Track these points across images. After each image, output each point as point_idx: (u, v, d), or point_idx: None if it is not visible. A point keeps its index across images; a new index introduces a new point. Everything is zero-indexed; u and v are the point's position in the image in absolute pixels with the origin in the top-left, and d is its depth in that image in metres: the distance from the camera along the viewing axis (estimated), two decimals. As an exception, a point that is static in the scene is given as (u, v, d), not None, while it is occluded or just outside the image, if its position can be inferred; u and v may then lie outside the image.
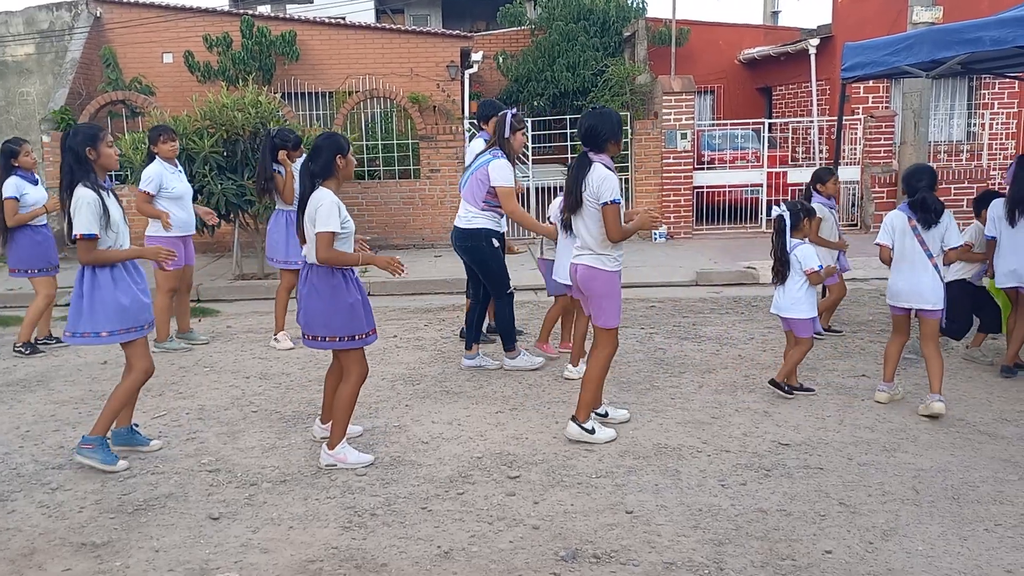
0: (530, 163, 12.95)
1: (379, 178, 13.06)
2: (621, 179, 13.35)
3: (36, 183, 7.03)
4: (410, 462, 4.58)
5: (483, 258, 6.11)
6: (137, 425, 4.92)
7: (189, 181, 7.20)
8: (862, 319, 7.66)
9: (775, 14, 24.75)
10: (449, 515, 3.93)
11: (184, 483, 4.35)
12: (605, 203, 4.52)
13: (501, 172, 5.89)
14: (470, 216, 6.06)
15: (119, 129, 12.53)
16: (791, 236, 5.50)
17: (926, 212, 5.16)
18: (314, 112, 14.77)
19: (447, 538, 3.72)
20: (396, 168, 13.17)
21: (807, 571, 3.40)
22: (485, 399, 5.61)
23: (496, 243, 6.10)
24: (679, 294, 9.19)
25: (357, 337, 4.41)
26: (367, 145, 13.15)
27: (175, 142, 6.84)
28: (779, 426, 5.01)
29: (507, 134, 5.95)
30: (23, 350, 7.01)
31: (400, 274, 4.46)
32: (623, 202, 4.65)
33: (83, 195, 4.36)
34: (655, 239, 12.56)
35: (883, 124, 13.14)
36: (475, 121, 8.22)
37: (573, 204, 4.67)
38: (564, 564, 3.48)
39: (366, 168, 12.95)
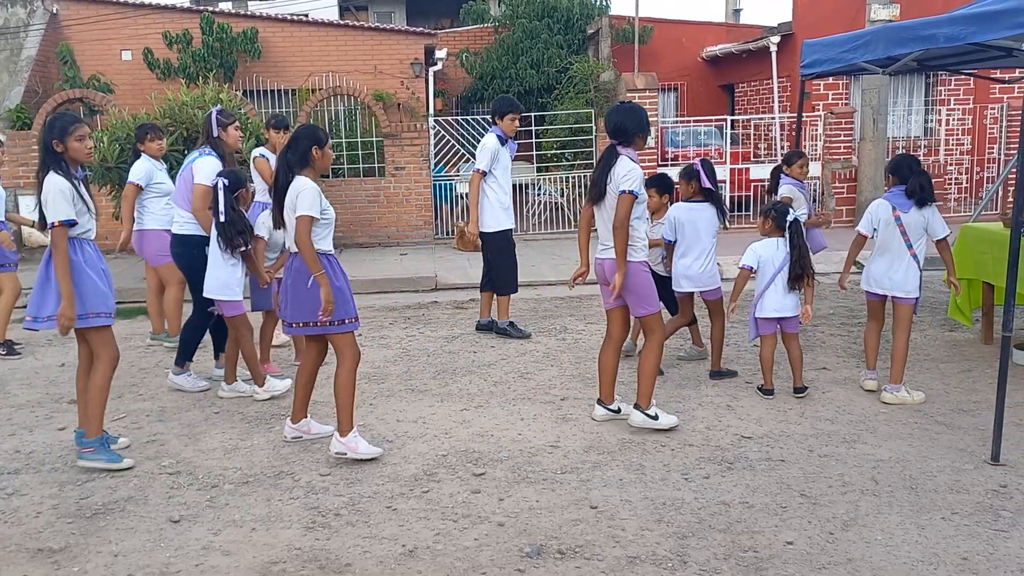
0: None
1: (344, 176, 12.98)
2: (585, 176, 13.37)
3: None
4: (374, 461, 4.55)
5: (193, 267, 5.77)
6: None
7: None
8: (823, 313, 7.76)
9: (737, 12, 25.00)
10: (414, 514, 3.92)
11: (144, 486, 4.29)
12: (623, 191, 4.60)
13: (202, 170, 5.66)
14: (182, 221, 5.81)
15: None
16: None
17: (923, 193, 5.30)
18: (277, 110, 14.63)
19: (412, 537, 3.70)
20: (361, 166, 13.09)
21: (769, 562, 3.44)
22: (450, 397, 5.60)
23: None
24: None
25: (347, 321, 4.45)
26: (331, 143, 13.05)
27: (162, 140, 6.71)
28: (741, 419, 5.06)
29: (215, 132, 5.84)
30: (0, 350, 6.90)
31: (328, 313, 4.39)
32: (643, 195, 4.74)
33: (54, 182, 4.31)
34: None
35: (843, 120, 13.32)
36: (437, 120, 8.21)
37: (597, 195, 4.75)
38: (529, 560, 3.48)
39: (330, 166, 12.85)
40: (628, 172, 4.64)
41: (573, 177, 13.40)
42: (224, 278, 5.45)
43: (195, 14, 14.90)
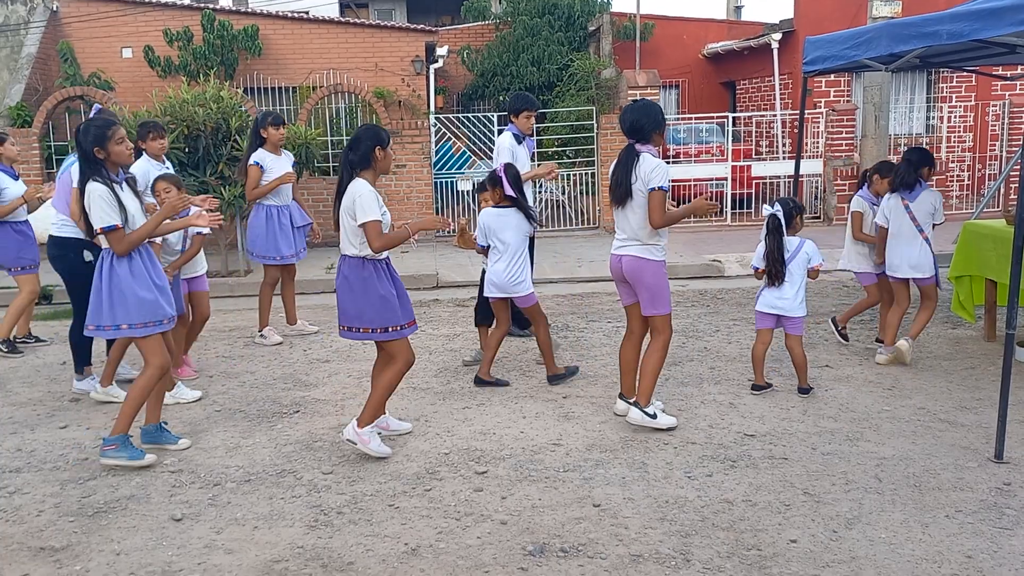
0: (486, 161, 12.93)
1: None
2: (587, 173, 13.37)
3: (16, 178, 6.90)
4: (376, 460, 4.54)
5: (69, 271, 5.73)
6: (166, 423, 4.86)
7: None
8: (825, 310, 7.74)
9: (738, 9, 24.96)
10: (416, 512, 3.91)
11: (146, 484, 4.28)
12: (653, 188, 4.60)
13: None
14: (60, 223, 5.72)
15: (77, 125, 12.30)
16: (787, 234, 5.48)
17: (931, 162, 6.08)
18: (277, 107, 14.59)
19: (414, 535, 3.69)
20: (331, 166, 13.03)
21: (773, 560, 3.43)
22: (452, 395, 5.59)
23: (89, 256, 5.57)
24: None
25: (391, 329, 4.46)
26: (331, 140, 13.03)
27: (164, 139, 6.54)
28: (744, 417, 5.05)
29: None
30: (2, 347, 6.88)
31: (447, 228, 4.50)
32: (670, 190, 4.75)
33: (93, 189, 4.33)
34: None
35: (844, 118, 13.31)
36: (438, 117, 8.20)
37: (622, 196, 4.72)
38: (532, 559, 3.47)
39: (331, 164, 12.84)
40: (655, 168, 4.63)
41: (574, 175, 13.39)
42: None
43: (196, 11, 14.88)
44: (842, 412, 5.12)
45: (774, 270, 5.42)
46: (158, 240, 5.42)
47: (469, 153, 13.59)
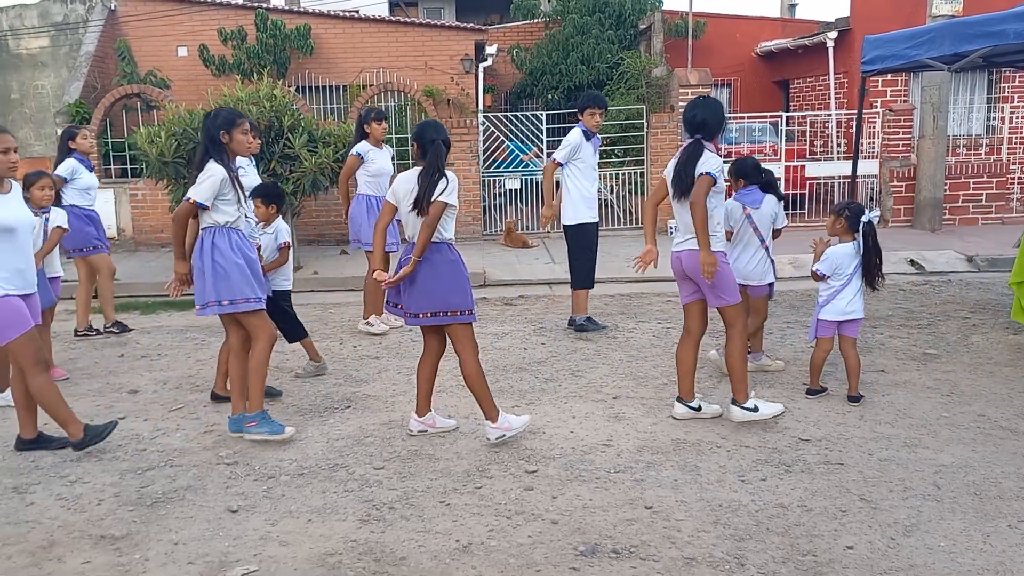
0: (544, 157, 12.92)
1: (394, 171, 13.03)
2: (636, 172, 13.26)
3: (91, 169, 7.37)
4: (427, 456, 4.57)
5: None
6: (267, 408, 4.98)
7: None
8: (882, 314, 7.60)
9: (792, 7, 24.58)
10: (467, 509, 3.92)
11: (202, 476, 4.36)
12: (701, 173, 4.67)
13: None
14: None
15: (133, 123, 12.56)
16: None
17: (775, 187, 5.85)
18: (328, 106, 14.76)
19: (465, 532, 3.70)
20: (410, 162, 13.12)
21: (828, 567, 3.37)
22: (501, 393, 5.59)
23: None
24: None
25: (472, 312, 4.61)
26: (381, 139, 13.12)
27: (258, 139, 6.69)
28: (799, 422, 4.97)
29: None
30: (114, 330, 7.41)
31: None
32: (721, 184, 4.80)
33: (215, 170, 4.55)
34: (671, 232, 12.48)
35: (901, 118, 13.02)
36: (486, 116, 8.29)
37: (687, 187, 4.74)
38: (583, 559, 3.46)
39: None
40: (714, 161, 4.74)
41: (623, 174, 13.31)
42: None
43: (249, 11, 15.10)
44: (899, 418, 5.02)
45: (870, 276, 5.31)
46: (65, 224, 5.99)
47: (516, 152, 13.57)
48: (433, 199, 4.46)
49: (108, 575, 3.42)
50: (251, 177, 6.82)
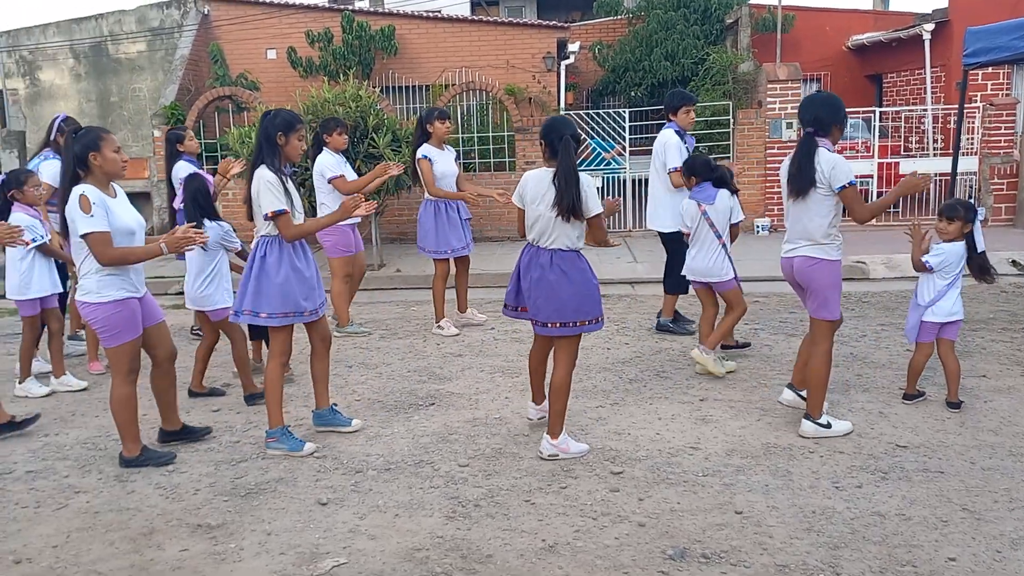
0: (627, 154, 12.81)
1: (475, 171, 13.10)
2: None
3: (201, 169, 7.48)
4: (511, 454, 4.56)
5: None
6: (336, 405, 5.07)
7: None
8: (982, 317, 7.28)
9: (884, -1, 23.78)
10: (552, 509, 3.90)
11: (293, 469, 4.45)
12: (842, 187, 4.47)
13: (48, 172, 6.13)
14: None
15: (225, 124, 12.94)
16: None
17: (728, 182, 6.02)
18: (411, 105, 14.95)
19: (551, 532, 3.68)
20: (491, 160, 13.17)
21: (930, 580, 3.24)
22: (585, 393, 5.56)
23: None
24: (784, 289, 8.86)
25: (600, 319, 4.56)
26: (463, 138, 13.22)
27: (344, 136, 6.99)
28: (895, 427, 4.79)
29: (54, 135, 6.40)
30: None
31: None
32: (856, 182, 4.64)
33: (263, 176, 4.52)
34: (757, 232, 12.23)
35: (1004, 112, 12.45)
36: (568, 114, 8.21)
37: (805, 185, 4.54)
38: (672, 563, 3.40)
39: (462, 161, 13.02)
40: (835, 166, 4.48)
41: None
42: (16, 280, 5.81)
43: (336, 13, 15.40)
44: (1003, 425, 4.79)
45: (983, 268, 5.13)
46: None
47: (599, 150, 13.47)
48: (590, 213, 4.39)
49: (205, 563, 3.52)
50: (349, 174, 7.01)
